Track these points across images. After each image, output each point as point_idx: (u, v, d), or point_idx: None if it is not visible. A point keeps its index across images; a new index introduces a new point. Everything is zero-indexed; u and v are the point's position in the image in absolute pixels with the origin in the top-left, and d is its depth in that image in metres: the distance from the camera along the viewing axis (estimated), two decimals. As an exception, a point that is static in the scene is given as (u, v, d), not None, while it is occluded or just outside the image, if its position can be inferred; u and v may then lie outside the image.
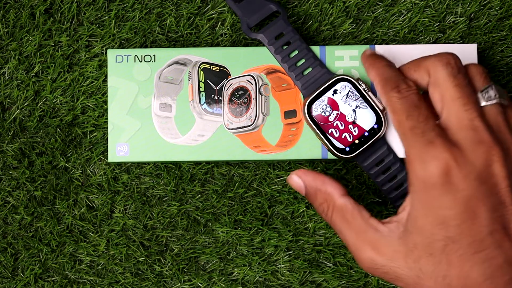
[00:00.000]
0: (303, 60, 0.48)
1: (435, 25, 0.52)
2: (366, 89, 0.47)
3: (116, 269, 0.52)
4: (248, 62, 0.50)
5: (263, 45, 0.49)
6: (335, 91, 0.47)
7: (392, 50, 0.49)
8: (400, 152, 0.47)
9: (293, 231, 0.52)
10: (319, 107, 0.47)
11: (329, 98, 0.47)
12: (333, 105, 0.47)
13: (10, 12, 0.53)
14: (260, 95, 0.49)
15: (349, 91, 0.47)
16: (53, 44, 0.53)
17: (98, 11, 0.53)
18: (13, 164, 0.52)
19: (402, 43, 0.52)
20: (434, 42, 0.52)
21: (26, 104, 0.52)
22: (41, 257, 0.52)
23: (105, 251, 0.52)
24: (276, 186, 0.52)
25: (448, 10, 0.53)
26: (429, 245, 0.40)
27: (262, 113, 0.49)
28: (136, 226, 0.52)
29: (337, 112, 0.47)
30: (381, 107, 0.46)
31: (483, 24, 0.52)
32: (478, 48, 0.52)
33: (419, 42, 0.52)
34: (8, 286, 0.52)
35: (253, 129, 0.49)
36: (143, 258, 0.52)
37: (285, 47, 0.48)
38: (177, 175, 0.52)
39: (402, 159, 0.47)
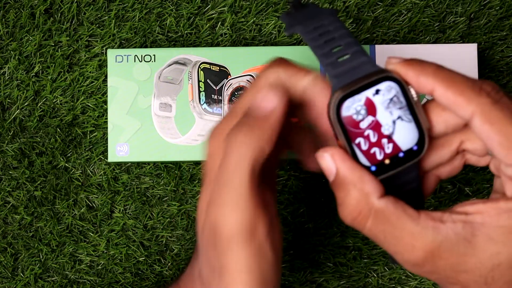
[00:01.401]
0: (341, 46, 0.36)
1: (435, 25, 0.52)
2: (415, 97, 0.35)
3: (116, 269, 0.52)
4: (248, 62, 0.50)
5: (263, 45, 0.49)
6: (377, 91, 0.35)
7: (392, 50, 0.49)
8: None
9: (293, 231, 0.52)
10: (352, 107, 0.35)
11: (367, 98, 0.35)
12: (370, 108, 0.35)
13: (10, 12, 0.53)
14: (260, 95, 0.49)
15: (394, 95, 0.35)
16: (53, 44, 0.53)
17: (98, 11, 0.53)
18: (13, 164, 0.52)
19: (402, 43, 0.52)
20: (434, 42, 0.52)
21: (26, 104, 0.52)
22: (41, 257, 0.52)
23: (105, 251, 0.52)
24: (276, 186, 0.52)
25: (448, 10, 0.53)
26: None
27: (262, 113, 0.49)
28: (136, 226, 0.52)
29: (373, 118, 0.35)
30: (427, 126, 0.36)
31: (483, 24, 0.52)
32: (478, 48, 0.52)
33: (419, 42, 0.52)
34: (8, 286, 0.52)
35: (253, 129, 0.49)
36: (143, 258, 0.52)
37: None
38: (177, 175, 0.52)
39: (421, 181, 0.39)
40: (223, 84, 0.50)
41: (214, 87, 0.50)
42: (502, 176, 0.35)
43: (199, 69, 0.50)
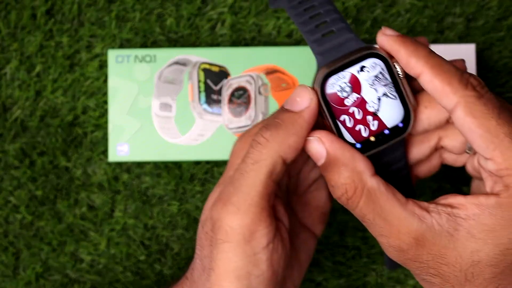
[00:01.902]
0: (326, 22, 0.36)
1: (434, 26, 0.53)
2: (401, 74, 0.35)
3: (116, 268, 0.53)
4: (248, 62, 0.50)
5: (263, 45, 0.49)
6: (362, 68, 0.35)
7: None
8: None
9: (292, 231, 0.52)
10: (337, 84, 0.35)
11: (352, 75, 0.35)
12: (355, 85, 0.35)
13: (11, 13, 0.53)
14: (259, 95, 0.50)
15: (380, 72, 0.35)
16: (54, 45, 0.53)
17: (98, 11, 0.53)
18: (15, 164, 0.53)
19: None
20: (432, 42, 0.52)
21: (27, 104, 0.53)
22: (42, 256, 0.53)
23: (105, 250, 0.53)
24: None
25: (447, 11, 0.53)
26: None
27: (262, 113, 0.49)
28: (136, 226, 0.53)
29: (358, 95, 0.35)
30: (413, 102, 0.36)
31: (481, 24, 0.53)
32: (476, 49, 0.52)
33: (417, 43, 0.53)
34: (10, 284, 0.53)
35: (252, 128, 0.49)
36: (144, 257, 0.53)
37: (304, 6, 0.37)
38: (177, 175, 0.52)
39: (409, 168, 0.39)
40: (223, 84, 0.50)
41: (214, 87, 0.50)
42: (482, 171, 0.35)
43: (199, 69, 0.50)
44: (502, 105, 0.34)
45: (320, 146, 0.35)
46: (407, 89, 0.35)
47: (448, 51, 0.50)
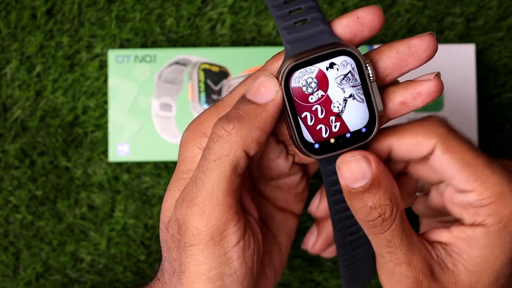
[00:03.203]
0: (301, 9, 0.33)
1: (434, 26, 0.53)
2: (372, 76, 0.33)
3: (117, 268, 0.53)
4: (247, 62, 0.50)
5: (263, 45, 0.49)
6: (331, 65, 0.33)
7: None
8: None
9: (292, 230, 0.53)
10: (303, 79, 0.33)
11: (320, 70, 0.33)
12: (322, 82, 0.33)
13: (12, 13, 0.53)
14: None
15: (349, 71, 0.33)
16: (54, 45, 0.53)
17: (99, 12, 0.53)
18: (15, 164, 0.53)
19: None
20: (432, 43, 0.53)
21: (27, 104, 0.53)
22: (42, 256, 0.53)
23: (106, 250, 0.53)
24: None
25: (447, 11, 0.53)
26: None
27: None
28: (136, 226, 0.53)
29: (323, 93, 0.33)
30: (381, 108, 0.34)
31: (481, 24, 0.53)
32: (476, 49, 0.52)
33: (417, 43, 0.53)
34: (10, 284, 0.53)
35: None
36: (144, 257, 0.53)
37: None
38: (177, 175, 0.52)
39: None
40: (223, 85, 0.50)
41: (214, 87, 0.50)
42: (451, 207, 0.35)
43: (199, 69, 0.50)
44: (466, 136, 0.35)
45: (367, 166, 0.33)
46: (376, 94, 0.33)
47: (448, 51, 0.50)
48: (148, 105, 0.50)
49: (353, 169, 0.33)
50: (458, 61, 0.50)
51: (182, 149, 0.35)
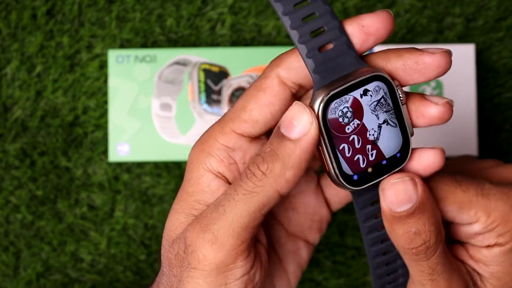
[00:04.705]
0: (323, 30, 0.31)
1: (433, 26, 0.53)
2: (403, 99, 0.31)
3: (117, 268, 0.53)
4: (247, 63, 0.50)
5: (263, 45, 0.49)
6: (365, 92, 0.31)
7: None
8: None
9: (292, 230, 0.53)
10: (339, 109, 0.31)
11: (354, 99, 0.31)
12: (357, 111, 0.31)
13: (12, 13, 0.53)
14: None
15: (382, 96, 0.31)
16: (54, 45, 0.53)
17: (99, 12, 0.53)
18: (15, 164, 0.53)
19: (401, 44, 0.53)
20: (432, 43, 0.53)
21: (28, 104, 0.53)
22: (42, 255, 0.53)
23: (106, 250, 0.53)
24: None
25: (446, 11, 0.53)
26: None
27: (262, 113, 0.50)
28: (136, 225, 0.53)
29: (359, 122, 0.31)
30: (411, 131, 0.32)
31: (480, 25, 0.53)
32: (475, 49, 0.52)
33: (417, 43, 0.53)
34: (10, 284, 0.53)
35: (252, 128, 0.49)
36: (144, 257, 0.53)
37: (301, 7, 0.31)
38: (177, 175, 0.52)
39: None
40: (223, 85, 0.50)
41: (214, 88, 0.50)
42: (465, 237, 0.36)
43: (199, 69, 0.50)
44: (448, 168, 0.35)
45: (413, 189, 0.31)
46: (406, 117, 0.32)
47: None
48: (148, 105, 0.50)
49: (399, 192, 0.31)
50: (458, 61, 0.50)
51: (188, 169, 0.34)
